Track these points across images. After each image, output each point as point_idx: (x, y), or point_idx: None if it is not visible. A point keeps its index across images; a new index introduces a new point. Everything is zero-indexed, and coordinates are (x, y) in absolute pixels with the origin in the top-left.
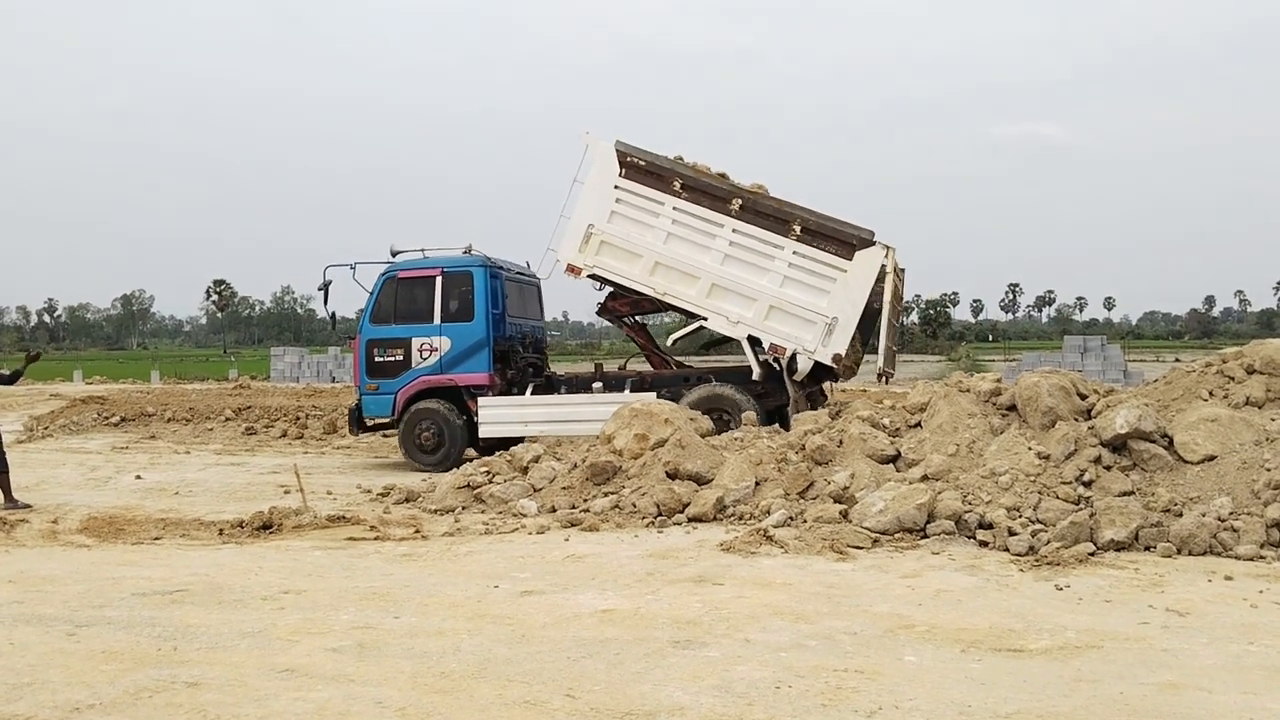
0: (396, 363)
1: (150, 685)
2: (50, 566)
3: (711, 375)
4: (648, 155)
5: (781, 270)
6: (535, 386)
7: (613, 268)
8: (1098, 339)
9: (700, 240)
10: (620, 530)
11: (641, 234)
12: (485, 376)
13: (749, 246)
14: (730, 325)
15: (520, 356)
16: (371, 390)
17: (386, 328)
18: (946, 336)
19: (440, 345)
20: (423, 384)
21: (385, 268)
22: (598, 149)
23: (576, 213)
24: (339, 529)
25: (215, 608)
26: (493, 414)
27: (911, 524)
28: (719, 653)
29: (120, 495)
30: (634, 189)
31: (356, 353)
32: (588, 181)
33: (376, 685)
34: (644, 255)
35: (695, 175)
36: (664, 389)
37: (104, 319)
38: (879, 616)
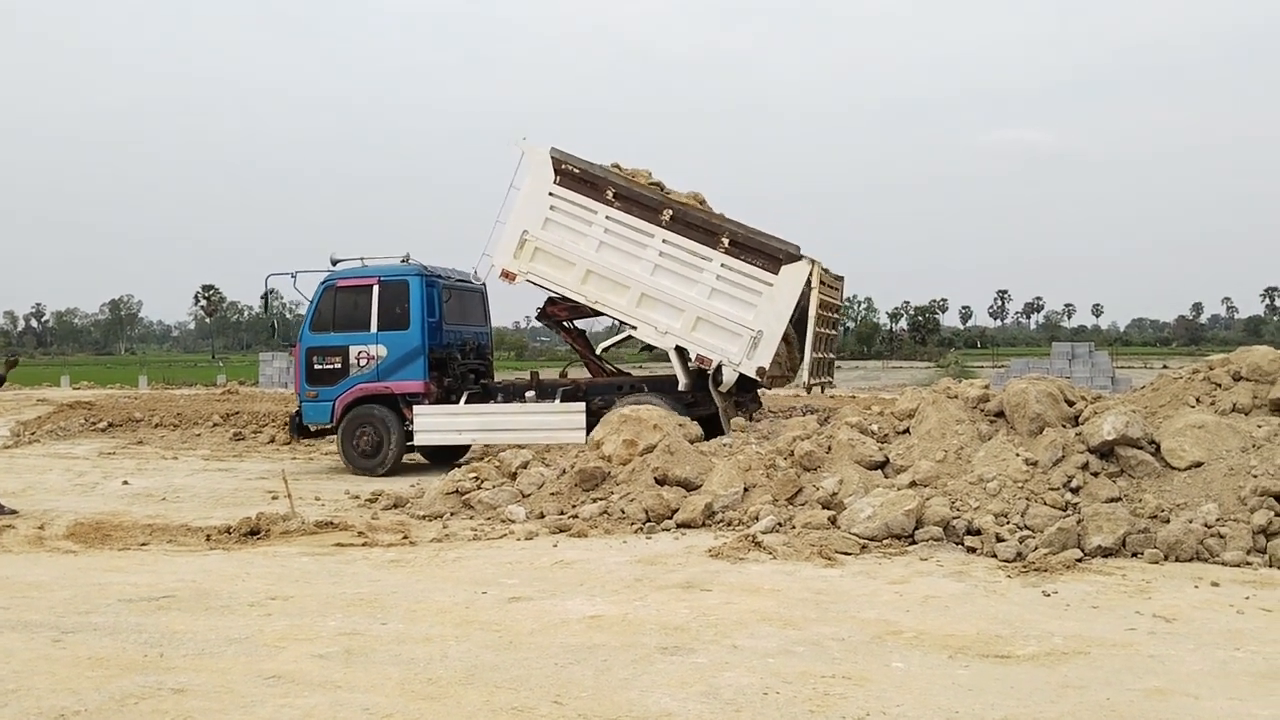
0: (335, 370)
1: (136, 692)
2: (36, 572)
3: (644, 385)
4: (582, 163)
5: (709, 282)
6: (470, 395)
7: (546, 274)
8: (1086, 345)
9: (631, 250)
10: (609, 536)
11: (575, 242)
12: (420, 384)
13: (678, 258)
14: (658, 335)
15: (458, 364)
16: (311, 397)
17: (325, 336)
18: (935, 343)
19: (377, 353)
20: (360, 391)
21: (325, 276)
22: (533, 156)
23: (512, 219)
24: (327, 535)
25: (202, 614)
26: (427, 422)
27: (900, 530)
28: (707, 659)
29: (107, 501)
30: (568, 196)
31: (297, 360)
32: (523, 188)
33: (364, 692)
34: (576, 263)
35: (628, 185)
36: (596, 398)
37: (92, 324)
38: (867, 623)
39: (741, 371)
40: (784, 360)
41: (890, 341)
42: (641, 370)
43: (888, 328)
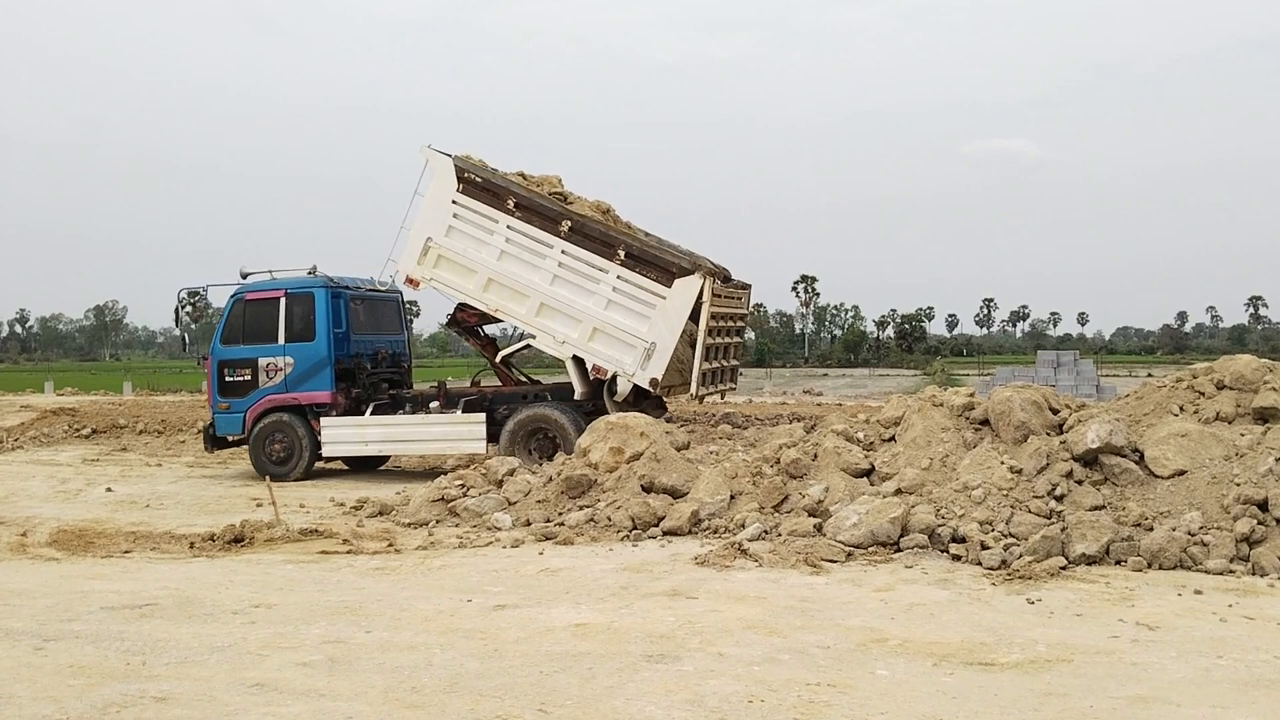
0: (245, 382)
1: (118, 700)
2: (18, 580)
3: (547, 393)
4: (484, 172)
5: (606, 294)
6: (377, 406)
7: (449, 281)
8: (1071, 354)
9: (531, 259)
10: (595, 544)
11: (477, 250)
12: (328, 395)
13: (576, 269)
14: (556, 344)
15: (368, 374)
16: (223, 409)
17: (236, 348)
18: (922, 351)
19: (285, 365)
20: (269, 403)
21: (235, 289)
22: (437, 163)
23: (416, 225)
24: (311, 542)
25: (185, 622)
26: (334, 434)
27: (885, 538)
28: (692, 667)
29: (90, 508)
30: (471, 205)
31: (209, 373)
32: (427, 195)
33: (348, 700)
34: (479, 271)
35: (529, 195)
36: (500, 407)
37: (76, 330)
38: (852, 630)
39: (635, 382)
40: (686, 368)
41: (877, 349)
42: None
43: (874, 335)
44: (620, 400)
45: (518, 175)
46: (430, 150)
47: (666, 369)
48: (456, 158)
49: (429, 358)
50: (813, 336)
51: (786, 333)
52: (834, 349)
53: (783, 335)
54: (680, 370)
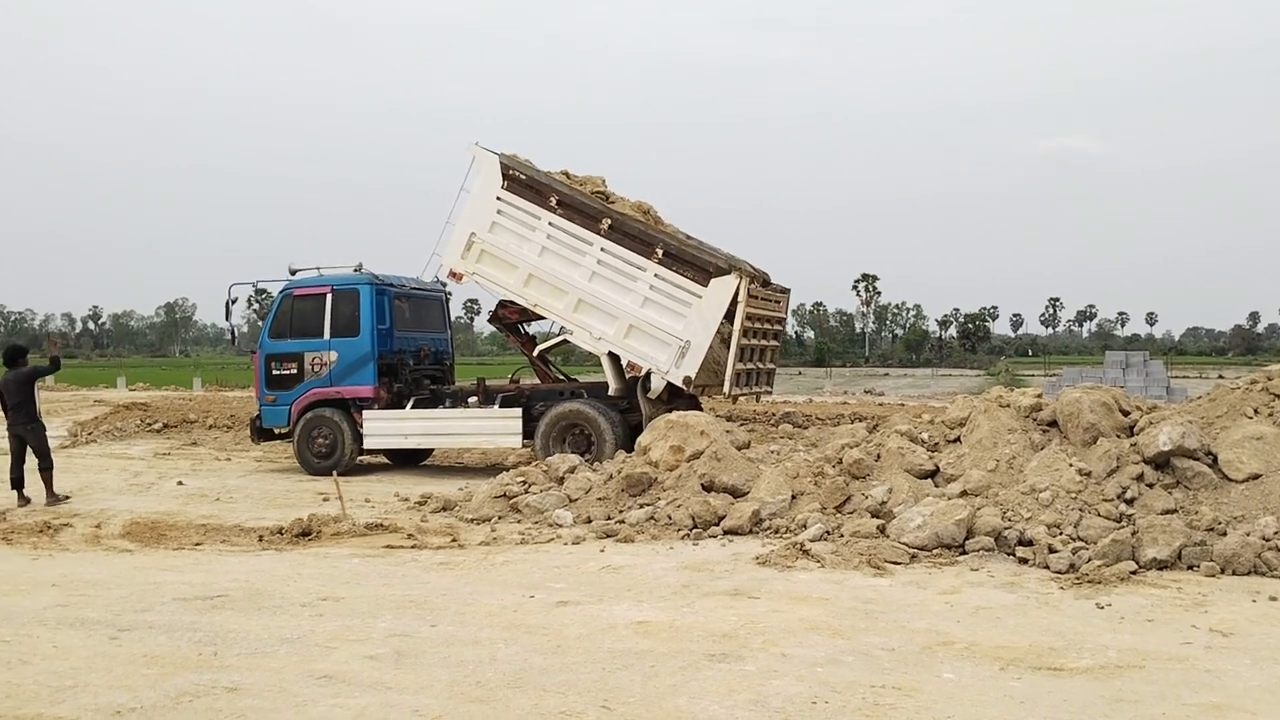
0: (291, 376)
1: (191, 690)
2: (93, 571)
3: (583, 390)
4: (528, 170)
5: (643, 291)
6: (417, 400)
7: (491, 276)
8: (1140, 354)
9: (571, 256)
10: (655, 542)
11: (519, 246)
12: (370, 389)
13: (614, 266)
14: (593, 341)
15: (410, 369)
16: (270, 401)
17: (283, 342)
18: (985, 351)
19: (329, 359)
20: (313, 396)
21: (283, 285)
22: (483, 160)
23: (461, 220)
24: (377, 537)
25: (255, 614)
26: (375, 426)
27: (950, 540)
28: (755, 667)
29: (162, 501)
30: (514, 201)
31: (257, 366)
32: (473, 191)
33: (413, 693)
34: (519, 266)
35: (570, 192)
36: (536, 403)
37: (147, 326)
38: (917, 633)
39: (669, 379)
40: (721, 369)
41: (939, 349)
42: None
43: (936, 335)
44: (654, 398)
45: (561, 174)
46: (477, 148)
47: (700, 368)
48: (502, 155)
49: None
50: (873, 336)
51: (846, 332)
52: (895, 349)
53: (843, 335)
54: (715, 370)
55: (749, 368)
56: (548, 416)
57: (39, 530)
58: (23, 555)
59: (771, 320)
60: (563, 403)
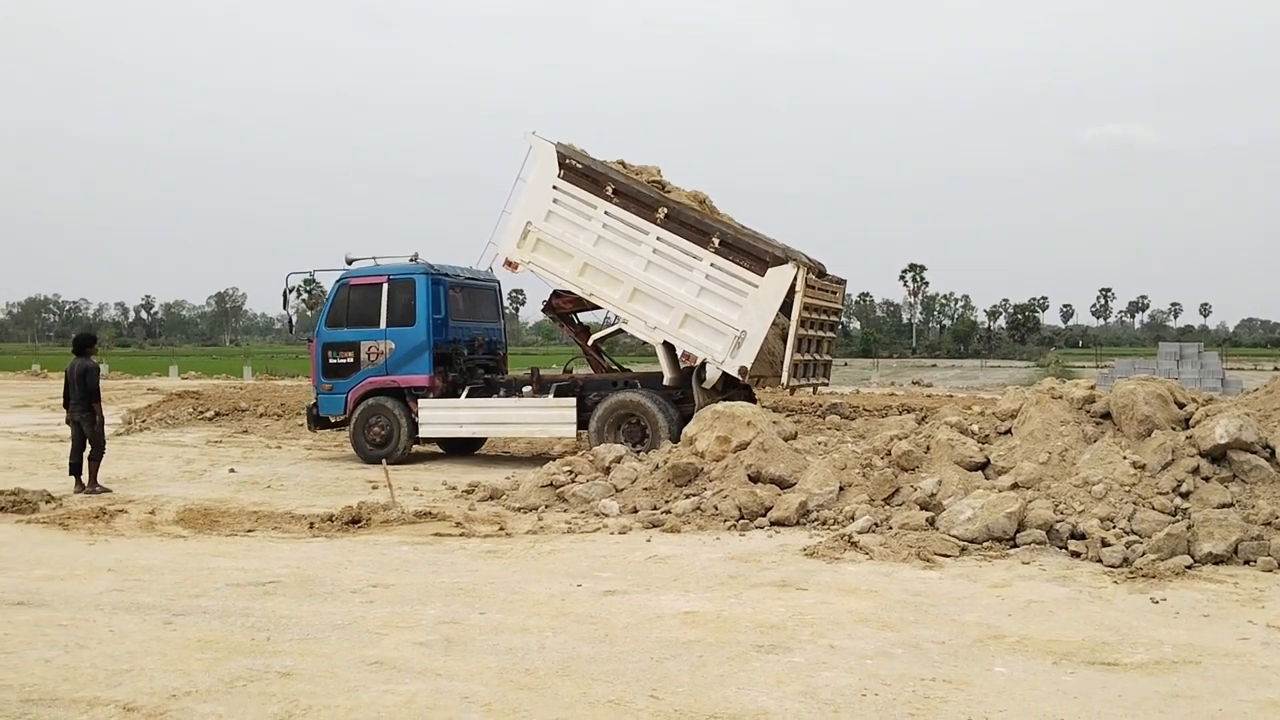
0: (348, 364)
1: (244, 674)
2: (148, 556)
3: (637, 380)
4: (585, 159)
5: (699, 281)
6: (472, 389)
7: (546, 265)
8: (1194, 346)
9: (627, 245)
10: (702, 532)
11: (574, 235)
12: (425, 378)
13: (670, 255)
14: (648, 330)
15: (464, 359)
16: (326, 390)
17: (339, 331)
18: (1035, 342)
19: (385, 348)
20: (370, 385)
21: (340, 274)
22: (540, 149)
23: (517, 209)
24: (425, 525)
25: (306, 600)
26: (431, 415)
27: (1001, 533)
28: (803, 658)
29: (214, 488)
30: (570, 190)
31: (314, 354)
32: (529, 180)
33: (463, 680)
34: (575, 255)
35: (627, 182)
36: (590, 393)
37: (199, 316)
38: (967, 626)
39: (724, 369)
40: (777, 360)
41: (988, 340)
42: (652, 367)
43: (985, 326)
44: (708, 388)
45: (617, 163)
46: (534, 136)
47: (756, 358)
48: (559, 144)
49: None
50: (921, 326)
51: (893, 322)
52: (943, 339)
53: (889, 325)
54: (770, 361)
55: (806, 359)
56: (602, 406)
57: (95, 516)
58: (79, 540)
59: (828, 311)
60: (617, 393)
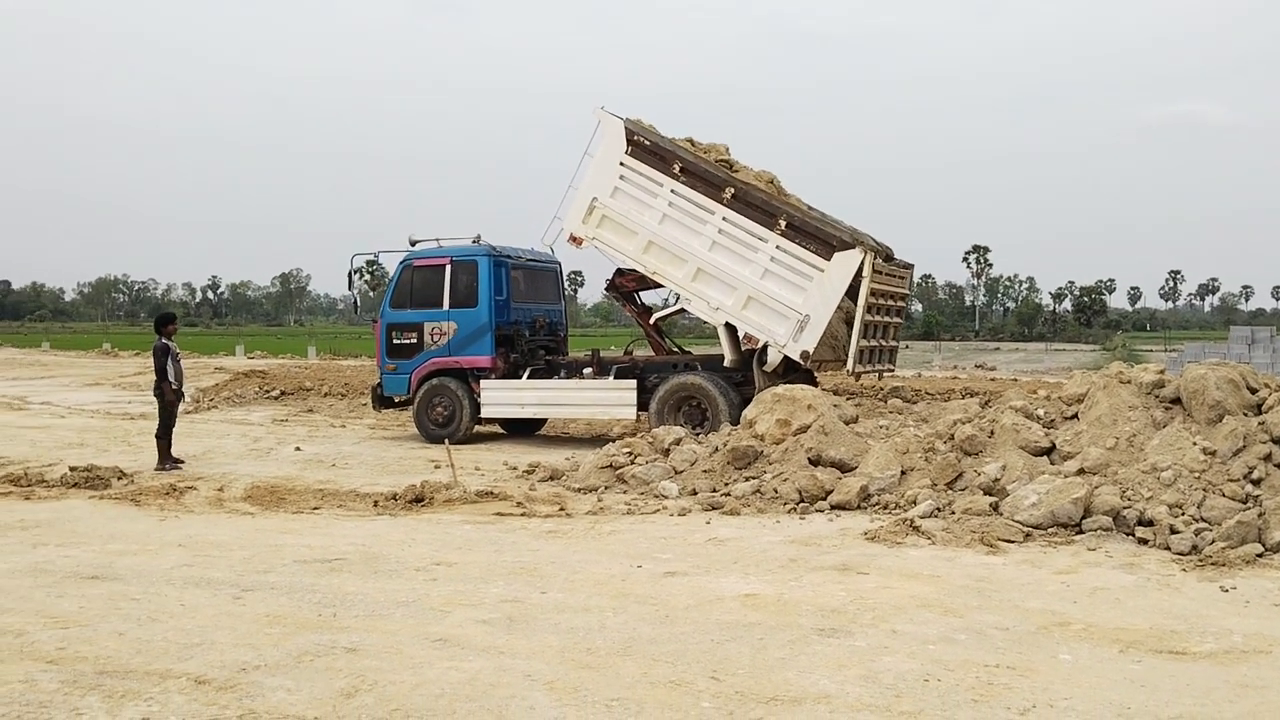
0: (411, 345)
1: (311, 649)
2: (217, 532)
3: (698, 363)
4: (653, 136)
5: (763, 263)
6: (533, 370)
7: (610, 241)
8: (1266, 330)
9: (692, 225)
10: (761, 515)
11: (640, 212)
12: (488, 360)
13: (735, 236)
14: (710, 310)
15: (526, 340)
16: (390, 370)
17: (403, 312)
18: (1101, 325)
19: (448, 329)
20: (433, 365)
21: (404, 256)
22: (609, 125)
23: (584, 185)
24: (487, 504)
25: (371, 577)
26: (493, 395)
27: (1066, 519)
28: (865, 643)
29: (281, 466)
30: (637, 167)
31: (378, 335)
32: (596, 155)
33: (525, 658)
34: (639, 233)
35: (694, 160)
36: (651, 375)
37: (264, 296)
38: (1032, 613)
39: (786, 353)
40: (841, 345)
41: (1053, 323)
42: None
43: (1050, 308)
44: (769, 371)
45: (685, 141)
46: (603, 112)
47: (819, 343)
48: (627, 120)
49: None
50: (984, 309)
51: (956, 305)
52: (1006, 322)
53: (952, 307)
54: (833, 346)
55: (872, 345)
56: (663, 388)
57: (165, 492)
58: (151, 516)
59: (895, 296)
60: (677, 375)
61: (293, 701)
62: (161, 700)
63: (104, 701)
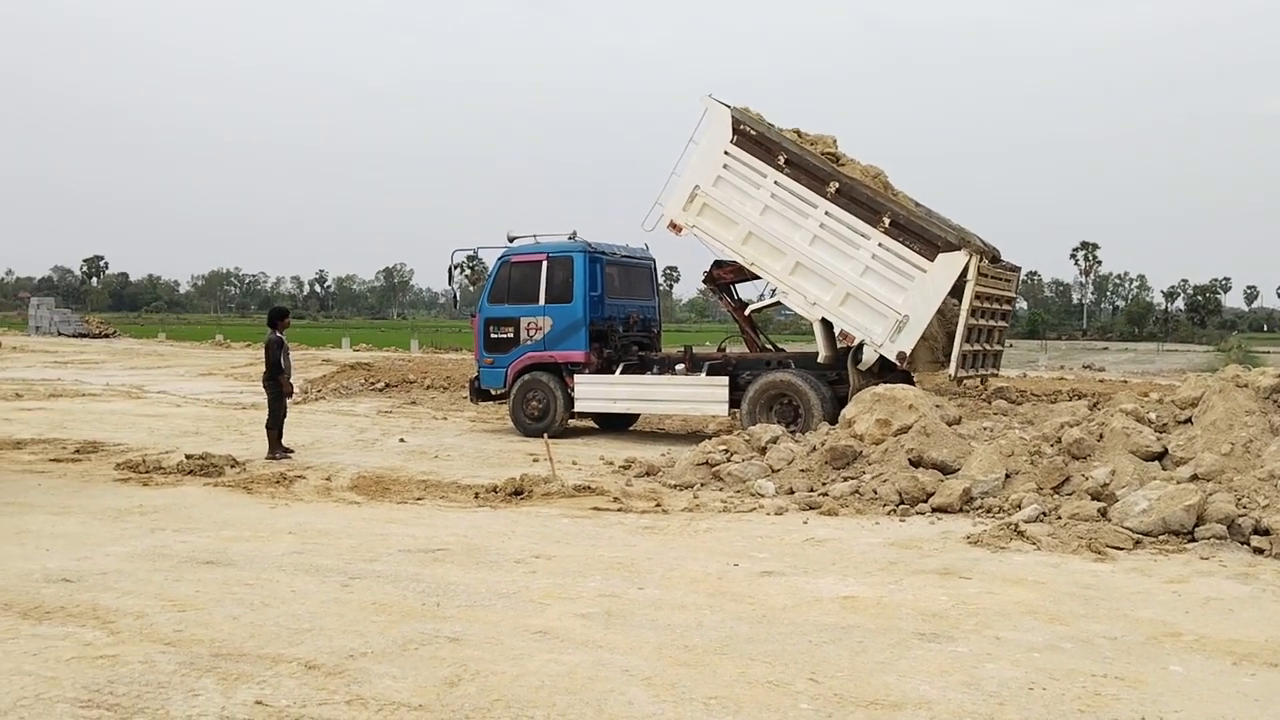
0: (508, 339)
1: (416, 638)
2: (325, 521)
3: (791, 360)
4: (759, 125)
5: (864, 260)
6: (626, 366)
7: (709, 230)
8: None
9: (793, 217)
10: (860, 516)
11: (741, 202)
12: (582, 355)
13: (837, 231)
14: (807, 305)
15: (620, 336)
16: (488, 364)
17: (500, 307)
18: (1215, 325)
19: (544, 324)
20: (529, 359)
21: (502, 252)
22: (715, 113)
23: (687, 172)
24: (584, 498)
25: (473, 568)
26: (586, 390)
27: (1178, 526)
28: (967, 648)
29: (385, 456)
30: (741, 157)
31: (476, 329)
32: (701, 143)
33: (624, 654)
34: (740, 223)
35: (800, 152)
36: (743, 372)
37: (368, 290)
38: (1141, 622)
39: (882, 353)
40: (939, 348)
41: (1164, 322)
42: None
43: (1162, 308)
44: (864, 370)
45: (792, 132)
46: (710, 99)
47: (916, 345)
48: (734, 109)
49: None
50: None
51: (1062, 303)
52: (1115, 321)
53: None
54: (930, 348)
55: (975, 349)
56: (755, 386)
57: (276, 481)
58: (262, 504)
59: (1001, 300)
60: (770, 372)
61: (398, 689)
62: (274, 684)
63: (219, 683)
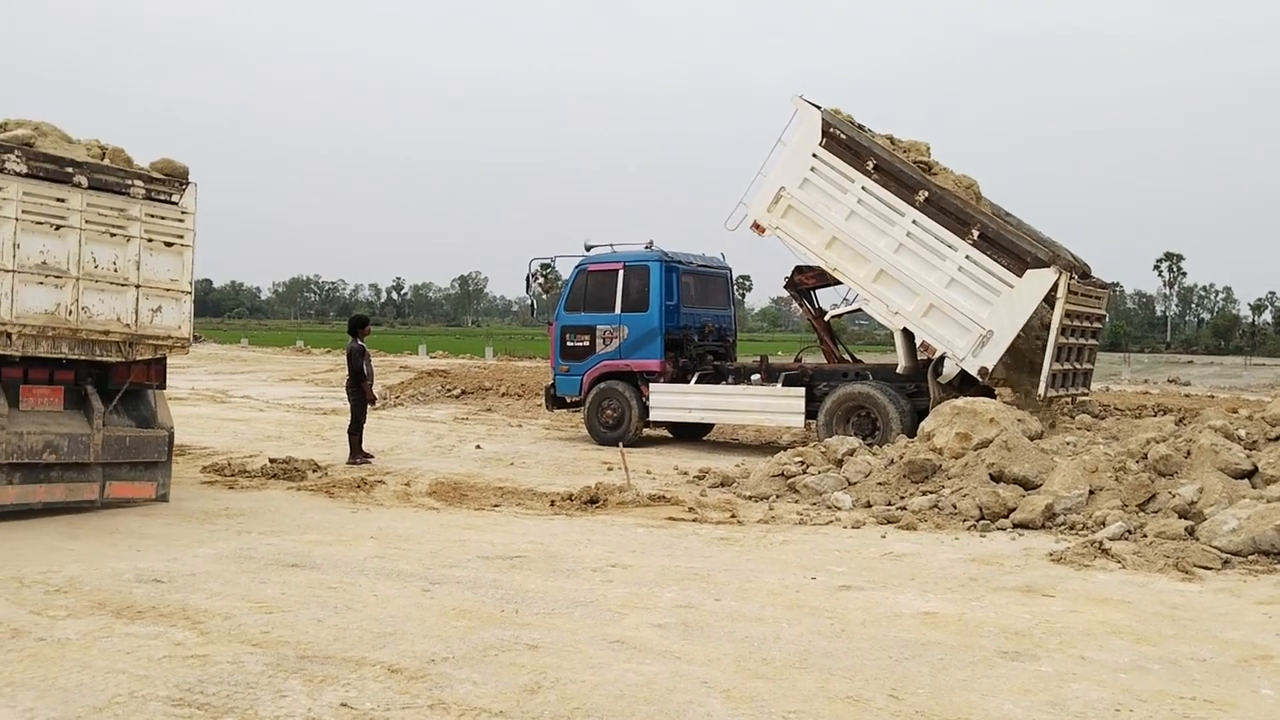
0: (584, 347)
1: (495, 644)
2: (405, 526)
3: (869, 372)
4: (849, 129)
5: (950, 271)
6: (701, 375)
7: (793, 233)
8: None
9: (879, 224)
10: (939, 531)
11: (827, 206)
12: (657, 363)
13: (924, 241)
14: (888, 314)
15: (695, 345)
16: (563, 371)
17: (577, 315)
18: None
19: (620, 333)
20: (604, 368)
21: (579, 260)
22: (805, 114)
23: (774, 173)
24: (659, 508)
25: (550, 575)
26: (661, 399)
27: (1269, 546)
28: (1051, 668)
29: (463, 463)
30: (829, 160)
31: (552, 337)
32: (789, 144)
33: (701, 665)
34: (824, 227)
35: (889, 159)
36: (820, 383)
37: (443, 297)
38: (1231, 644)
39: (964, 367)
40: (1023, 363)
41: (1251, 336)
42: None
43: (1249, 320)
44: (944, 383)
45: (885, 138)
46: (800, 100)
47: (1000, 361)
48: (825, 111)
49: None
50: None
51: (1146, 315)
52: (1200, 334)
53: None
54: (1017, 364)
55: (1065, 368)
56: (832, 398)
57: (356, 486)
58: (343, 508)
59: (1091, 318)
60: (847, 384)
61: (479, 695)
62: (358, 687)
63: (305, 685)
